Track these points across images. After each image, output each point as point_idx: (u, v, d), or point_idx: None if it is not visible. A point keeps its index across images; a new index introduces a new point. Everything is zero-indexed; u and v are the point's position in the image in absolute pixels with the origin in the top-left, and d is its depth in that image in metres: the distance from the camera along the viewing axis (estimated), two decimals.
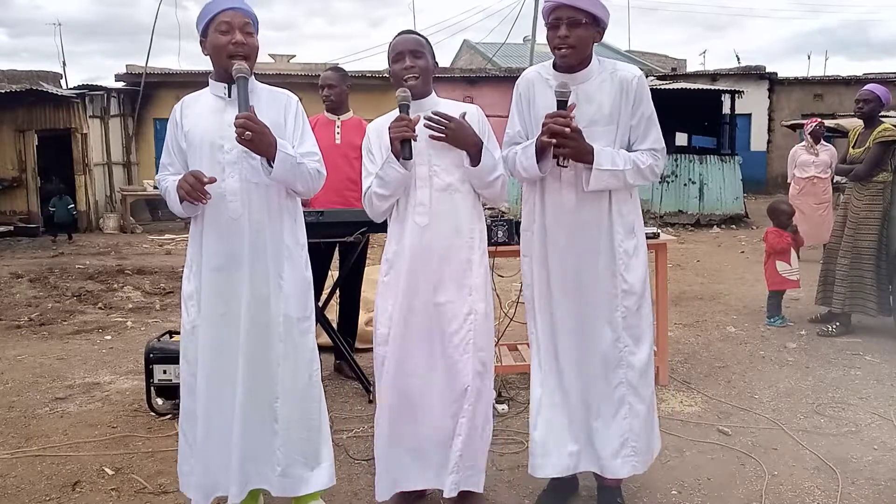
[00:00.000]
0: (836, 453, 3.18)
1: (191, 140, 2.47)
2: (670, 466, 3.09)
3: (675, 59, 26.86)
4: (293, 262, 2.52)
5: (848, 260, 5.08)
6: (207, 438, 2.50)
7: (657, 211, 12.63)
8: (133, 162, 14.87)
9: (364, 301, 4.59)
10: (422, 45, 2.57)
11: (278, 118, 2.48)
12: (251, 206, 2.43)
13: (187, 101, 2.54)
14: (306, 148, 2.49)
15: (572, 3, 2.39)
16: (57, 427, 3.60)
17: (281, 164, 2.34)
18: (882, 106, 5.09)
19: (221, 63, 2.41)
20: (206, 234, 2.48)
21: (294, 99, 2.56)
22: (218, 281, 2.46)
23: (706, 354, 4.77)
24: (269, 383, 2.49)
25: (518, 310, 4.01)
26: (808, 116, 11.70)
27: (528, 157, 2.49)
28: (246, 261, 2.44)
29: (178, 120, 2.52)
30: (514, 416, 3.65)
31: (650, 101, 2.53)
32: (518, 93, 2.65)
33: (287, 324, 2.49)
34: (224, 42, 2.37)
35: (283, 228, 2.50)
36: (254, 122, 2.27)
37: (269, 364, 2.48)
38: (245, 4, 2.44)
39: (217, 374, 2.48)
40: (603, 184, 2.44)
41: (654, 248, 4.10)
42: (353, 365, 4.09)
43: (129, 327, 5.77)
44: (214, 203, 2.42)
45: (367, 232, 3.86)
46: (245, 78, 2.34)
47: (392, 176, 2.47)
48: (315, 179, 2.48)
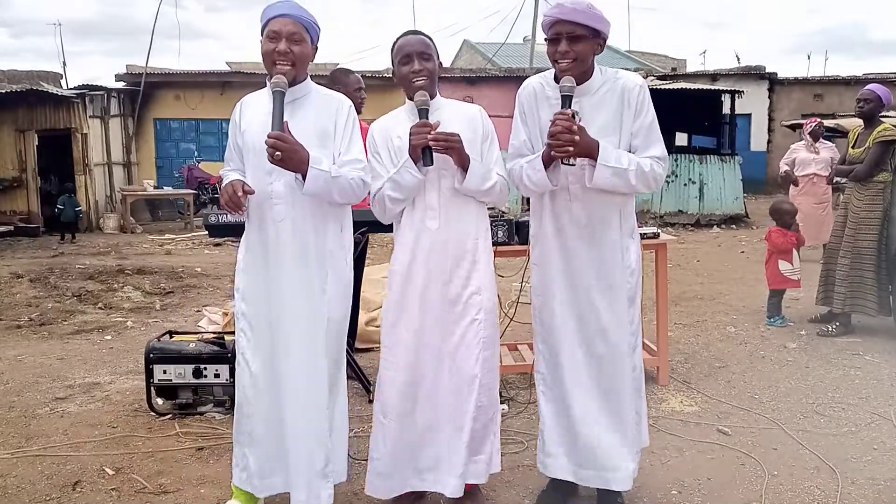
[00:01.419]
0: (836, 453, 3.18)
1: (246, 140, 2.51)
2: (670, 466, 3.09)
3: (675, 59, 26.87)
4: (336, 266, 2.53)
5: (848, 260, 5.08)
6: (259, 439, 2.56)
7: (657, 211, 12.63)
8: (133, 162, 14.88)
9: (364, 301, 4.59)
10: (429, 47, 2.55)
11: (328, 124, 2.49)
12: (296, 209, 2.44)
13: (247, 101, 2.59)
14: (352, 155, 2.49)
15: (572, 18, 2.37)
16: (57, 427, 3.60)
17: (312, 182, 2.34)
18: (883, 106, 5.10)
19: (268, 70, 2.43)
20: (251, 235, 2.52)
21: (346, 104, 2.55)
22: (261, 281, 2.50)
23: (706, 354, 4.77)
24: (317, 385, 2.50)
25: (518, 310, 4.02)
26: (808, 116, 11.68)
27: (536, 169, 2.47)
28: (289, 264, 2.45)
29: (237, 119, 2.57)
30: (514, 416, 3.65)
31: (652, 109, 2.51)
32: (520, 103, 2.63)
33: (329, 326, 2.51)
34: (269, 50, 2.40)
35: (326, 233, 2.51)
36: (284, 142, 2.27)
37: (315, 367, 2.49)
38: (299, 10, 2.43)
39: (264, 375, 2.52)
40: (607, 182, 2.40)
41: (654, 248, 4.10)
42: (353, 365, 4.09)
43: (129, 327, 5.77)
44: (260, 205, 2.45)
45: (368, 232, 3.87)
46: (281, 92, 2.34)
47: (408, 180, 2.47)
48: (357, 188, 2.46)
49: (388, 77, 16.01)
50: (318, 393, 2.49)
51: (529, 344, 4.37)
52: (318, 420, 2.49)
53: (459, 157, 2.46)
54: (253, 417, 2.56)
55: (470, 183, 2.48)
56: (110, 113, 14.03)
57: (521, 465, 3.10)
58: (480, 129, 2.60)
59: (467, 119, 2.60)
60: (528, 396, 3.86)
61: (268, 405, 2.53)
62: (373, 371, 3.06)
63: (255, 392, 2.55)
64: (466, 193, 2.53)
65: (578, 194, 2.51)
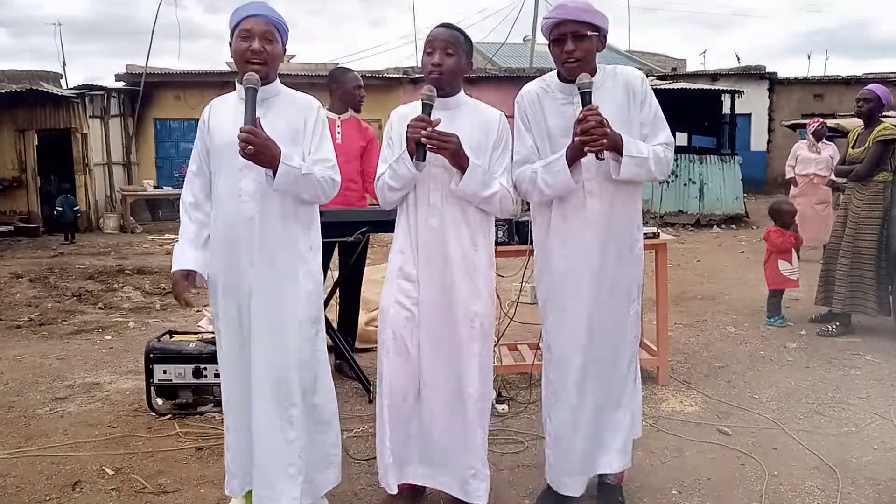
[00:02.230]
0: (836, 453, 3.18)
1: (214, 140, 2.51)
2: (670, 466, 3.09)
3: (675, 59, 26.87)
4: (307, 266, 2.52)
5: (848, 260, 5.08)
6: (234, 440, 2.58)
7: (657, 211, 12.62)
8: (133, 162, 14.87)
9: (364, 301, 4.59)
10: (457, 42, 2.51)
11: (297, 123, 2.49)
12: (265, 207, 2.44)
13: (215, 103, 2.60)
14: (321, 154, 2.49)
15: (575, 17, 2.39)
16: (57, 427, 3.60)
17: (283, 177, 2.34)
18: (882, 106, 5.09)
19: (240, 69, 2.43)
20: (220, 233, 2.50)
21: (315, 105, 2.55)
22: (231, 280, 2.49)
23: (706, 354, 4.77)
24: (285, 387, 2.49)
25: (518, 310, 4.02)
26: (809, 116, 11.70)
27: (556, 171, 2.44)
28: (258, 262, 2.45)
29: (206, 120, 2.57)
30: (514, 416, 3.65)
31: (654, 98, 2.55)
32: (522, 111, 2.61)
33: (301, 327, 2.50)
34: (243, 49, 2.40)
35: (297, 232, 2.50)
36: (256, 136, 2.27)
37: (285, 368, 2.48)
38: (270, 11, 2.45)
39: (233, 377, 2.54)
40: (632, 172, 2.42)
41: (654, 247, 4.10)
42: (353, 365, 4.09)
43: (130, 327, 5.77)
44: (230, 202, 2.45)
45: (367, 232, 3.87)
46: (254, 88, 2.35)
47: (403, 172, 2.46)
48: (326, 187, 2.46)
49: (388, 77, 16.01)
50: (282, 402, 2.47)
51: (529, 344, 4.37)
52: (283, 428, 2.47)
53: (453, 159, 2.42)
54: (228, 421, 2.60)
55: (466, 186, 2.44)
56: (110, 113, 14.02)
57: (521, 465, 3.10)
58: (494, 135, 2.56)
59: (483, 122, 2.56)
60: (528, 396, 3.86)
61: (238, 408, 2.54)
62: (372, 371, 3.06)
63: (228, 396, 2.58)
64: (462, 196, 2.49)
65: (595, 190, 2.50)
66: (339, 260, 4.34)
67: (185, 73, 15.27)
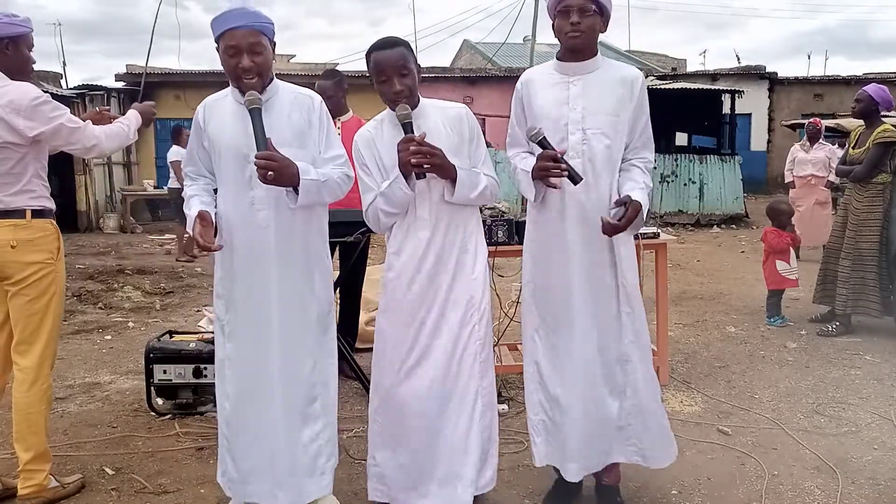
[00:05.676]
0: (836, 453, 3.18)
1: (216, 147, 2.46)
2: (670, 466, 3.08)
3: (675, 59, 26.89)
4: (322, 264, 2.55)
5: (849, 261, 5.08)
6: (246, 445, 2.52)
7: (657, 211, 12.61)
8: (133, 162, 14.87)
9: (364, 301, 4.59)
10: (406, 60, 2.45)
11: (303, 123, 2.46)
12: (279, 214, 2.43)
13: (209, 104, 2.53)
14: (332, 152, 2.49)
15: None
16: (57, 427, 3.59)
17: (305, 193, 2.34)
18: (875, 105, 5.08)
19: (233, 84, 2.40)
20: (236, 241, 2.46)
21: (318, 100, 2.52)
22: (249, 285, 2.47)
23: (706, 354, 4.77)
24: (306, 385, 2.50)
25: (518, 310, 4.01)
26: (808, 116, 11.70)
27: (524, 175, 2.53)
28: (275, 268, 2.44)
29: (201, 123, 2.51)
30: (514, 416, 3.65)
31: (648, 106, 2.56)
32: (518, 95, 2.64)
33: (318, 323, 2.53)
34: (232, 65, 2.34)
35: (310, 234, 2.51)
36: (274, 161, 2.24)
37: (304, 366, 2.50)
38: (253, 17, 2.33)
39: (251, 378, 2.50)
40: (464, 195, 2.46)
41: (654, 248, 4.11)
42: (353, 365, 4.09)
43: (130, 327, 5.77)
44: (242, 211, 2.43)
45: (368, 232, 3.86)
46: (258, 109, 2.29)
47: (399, 196, 2.43)
48: (343, 184, 2.48)
49: None
50: (300, 400, 2.49)
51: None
52: (306, 424, 2.50)
53: (443, 173, 2.42)
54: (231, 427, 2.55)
55: (459, 194, 2.47)
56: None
57: (521, 465, 3.10)
58: (467, 131, 2.56)
59: (453, 122, 2.54)
60: None
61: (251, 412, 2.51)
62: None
63: (234, 404, 2.52)
64: (456, 203, 2.51)
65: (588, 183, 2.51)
66: (340, 260, 4.33)
67: (185, 73, 15.28)
